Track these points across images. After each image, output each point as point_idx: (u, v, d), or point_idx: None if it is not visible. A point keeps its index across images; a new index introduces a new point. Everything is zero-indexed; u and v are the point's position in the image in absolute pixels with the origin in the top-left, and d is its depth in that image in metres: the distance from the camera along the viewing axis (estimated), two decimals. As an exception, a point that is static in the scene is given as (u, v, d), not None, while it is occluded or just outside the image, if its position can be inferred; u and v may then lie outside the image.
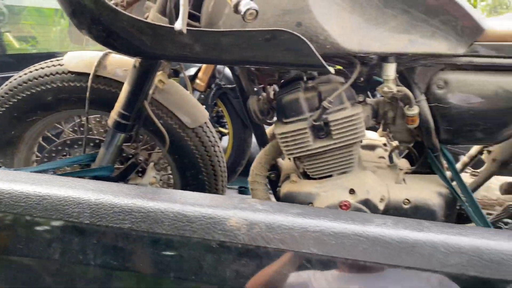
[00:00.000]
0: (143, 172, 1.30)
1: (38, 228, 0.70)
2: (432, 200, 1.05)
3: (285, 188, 1.13)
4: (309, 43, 0.86)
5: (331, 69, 0.92)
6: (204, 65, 1.93)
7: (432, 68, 1.02)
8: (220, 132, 2.20)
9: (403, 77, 1.05)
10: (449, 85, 1.02)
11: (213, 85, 1.99)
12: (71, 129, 1.35)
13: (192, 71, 1.98)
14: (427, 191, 1.06)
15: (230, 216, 0.69)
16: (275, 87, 1.25)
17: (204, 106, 2.00)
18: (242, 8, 0.74)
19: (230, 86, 2.04)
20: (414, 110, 1.02)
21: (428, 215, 1.03)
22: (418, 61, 1.01)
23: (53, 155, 1.26)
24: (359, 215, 0.71)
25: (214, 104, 2.08)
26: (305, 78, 1.10)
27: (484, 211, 1.09)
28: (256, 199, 1.14)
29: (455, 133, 1.06)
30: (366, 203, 1.04)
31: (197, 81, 1.91)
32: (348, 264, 0.64)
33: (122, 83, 1.15)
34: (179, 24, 0.79)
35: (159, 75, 1.09)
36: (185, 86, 1.34)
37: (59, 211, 0.70)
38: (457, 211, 1.09)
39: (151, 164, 1.26)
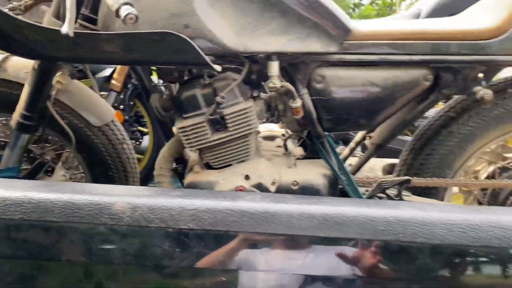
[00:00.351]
0: (53, 171, 1.32)
1: None
2: (317, 181, 1.19)
3: (189, 179, 1.22)
4: (194, 44, 0.95)
5: (218, 68, 1.02)
6: (119, 66, 1.97)
7: (310, 65, 1.16)
8: (140, 132, 2.25)
9: (288, 74, 1.18)
10: (325, 79, 1.16)
11: (129, 85, 2.04)
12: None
13: (107, 71, 2.01)
14: (313, 173, 1.20)
15: (115, 201, 0.76)
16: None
17: (122, 106, 2.05)
18: (122, 13, 0.82)
19: (147, 85, 2.09)
20: (297, 103, 1.15)
21: (313, 194, 1.17)
22: (298, 59, 1.14)
23: (-44, 159, 1.25)
24: (232, 193, 0.81)
25: (132, 104, 2.12)
26: (205, 76, 1.20)
27: (364, 189, 1.25)
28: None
29: (335, 121, 1.21)
30: (259, 186, 1.15)
31: (113, 81, 1.94)
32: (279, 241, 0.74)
33: (24, 85, 1.18)
34: (66, 28, 0.85)
35: (57, 76, 1.13)
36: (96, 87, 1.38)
37: (-51, 207, 0.74)
38: (340, 189, 1.24)
39: (60, 163, 1.30)
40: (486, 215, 0.75)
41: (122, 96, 2.03)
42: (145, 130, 2.24)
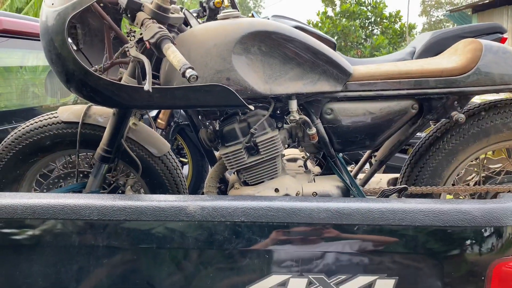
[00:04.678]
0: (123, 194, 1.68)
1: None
2: (332, 191, 1.50)
3: (231, 193, 1.55)
4: (234, 91, 1.30)
5: (251, 107, 1.37)
6: (163, 108, 2.35)
7: (322, 101, 1.50)
8: (181, 162, 2.61)
9: (304, 108, 1.52)
10: (334, 112, 1.50)
11: (172, 123, 2.42)
12: (61, 166, 1.72)
13: (154, 112, 2.40)
14: (329, 185, 1.52)
15: (188, 205, 1.10)
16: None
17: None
18: (187, 74, 1.17)
19: (186, 122, 2.47)
20: (313, 130, 1.49)
21: (329, 201, 1.48)
22: (311, 97, 1.48)
23: (51, 187, 1.62)
24: (270, 197, 1.14)
25: (174, 139, 2.49)
26: (240, 114, 1.55)
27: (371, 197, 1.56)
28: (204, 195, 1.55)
29: (343, 144, 1.54)
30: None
31: (159, 120, 2.33)
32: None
33: (104, 127, 1.55)
34: (147, 86, 1.21)
35: (133, 119, 1.51)
36: (150, 125, 1.75)
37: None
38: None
39: (128, 187, 1.65)
40: (445, 204, 1.05)
41: (165, 132, 2.41)
42: (185, 160, 2.61)
